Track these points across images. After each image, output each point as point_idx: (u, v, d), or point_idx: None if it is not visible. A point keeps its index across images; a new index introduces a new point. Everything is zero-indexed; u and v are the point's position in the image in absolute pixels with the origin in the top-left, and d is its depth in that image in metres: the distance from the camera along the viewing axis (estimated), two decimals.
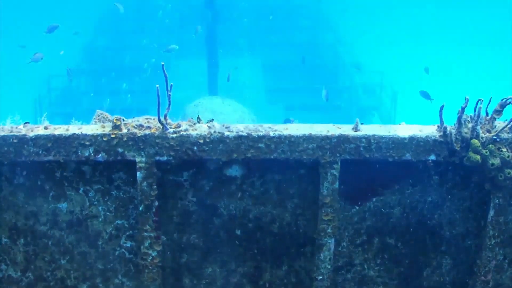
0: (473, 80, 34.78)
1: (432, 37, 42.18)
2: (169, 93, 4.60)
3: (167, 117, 4.71)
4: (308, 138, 4.69)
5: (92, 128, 4.73)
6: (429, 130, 4.88)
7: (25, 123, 4.80)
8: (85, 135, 4.61)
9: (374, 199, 5.11)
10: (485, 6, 46.97)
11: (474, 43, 40.18)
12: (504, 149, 4.75)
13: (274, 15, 32.41)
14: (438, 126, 4.89)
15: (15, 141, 4.60)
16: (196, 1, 29.42)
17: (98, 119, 6.16)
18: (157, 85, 4.53)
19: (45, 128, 4.70)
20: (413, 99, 32.36)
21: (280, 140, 4.67)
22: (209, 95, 20.46)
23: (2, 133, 4.61)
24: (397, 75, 28.51)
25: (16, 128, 4.70)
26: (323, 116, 26.02)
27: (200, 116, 5.01)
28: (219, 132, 4.65)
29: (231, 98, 17.51)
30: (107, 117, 6.18)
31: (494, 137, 4.77)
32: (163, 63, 4.80)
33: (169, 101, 4.65)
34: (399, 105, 25.67)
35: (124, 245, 5.14)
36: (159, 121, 4.64)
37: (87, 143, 4.61)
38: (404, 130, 4.84)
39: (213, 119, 4.88)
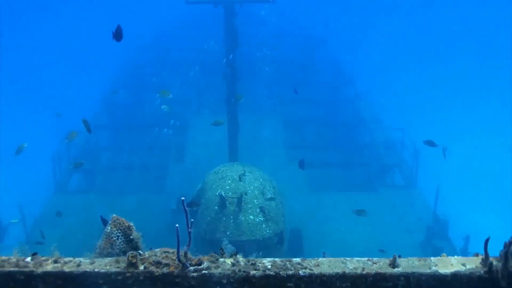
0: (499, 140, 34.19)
1: (456, 93, 41.79)
2: (189, 230, 4.22)
3: (188, 253, 4.33)
4: (342, 277, 4.28)
5: (105, 264, 4.36)
6: (473, 264, 4.46)
7: (33, 255, 4.45)
8: (98, 273, 4.25)
9: None
10: None
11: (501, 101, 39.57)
12: None
13: (295, 68, 32.42)
14: (482, 260, 4.47)
15: (21, 277, 4.25)
16: (217, 57, 29.45)
17: (114, 225, 5.82)
18: (177, 225, 4.15)
19: (55, 261, 4.35)
20: (435, 157, 31.92)
21: (311, 279, 4.26)
22: (229, 155, 20.12)
23: (8, 269, 4.26)
24: (419, 132, 27.95)
25: (23, 261, 4.35)
26: (344, 173, 25.65)
27: (223, 248, 4.62)
28: (244, 271, 4.25)
29: (251, 165, 17.15)
30: (123, 223, 5.84)
31: None
32: (183, 198, 4.43)
33: (190, 238, 4.28)
34: (421, 162, 25.13)
35: None
36: (179, 259, 4.26)
37: (100, 281, 4.24)
38: (445, 265, 4.42)
39: (237, 253, 4.49)
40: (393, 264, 4.39)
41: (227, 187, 15.56)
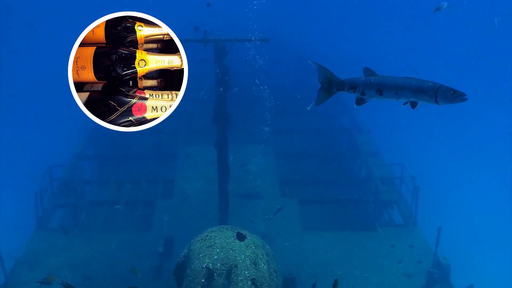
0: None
1: (458, 131, 40.73)
2: None
3: None
4: None
5: None
6: None
7: None
8: None
9: None
10: None
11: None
12: None
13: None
14: None
15: None
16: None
17: None
18: None
19: None
20: (435, 194, 30.91)
21: None
22: (219, 210, 18.93)
23: None
24: (419, 168, 26.91)
25: None
26: (340, 210, 24.54)
27: None
28: None
29: (243, 228, 15.61)
30: None
31: None
32: None
33: None
34: (420, 200, 23.93)
35: None
36: None
37: None
38: None
39: None
40: None
41: (215, 257, 14.07)
